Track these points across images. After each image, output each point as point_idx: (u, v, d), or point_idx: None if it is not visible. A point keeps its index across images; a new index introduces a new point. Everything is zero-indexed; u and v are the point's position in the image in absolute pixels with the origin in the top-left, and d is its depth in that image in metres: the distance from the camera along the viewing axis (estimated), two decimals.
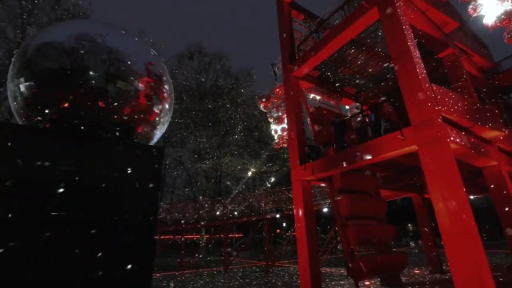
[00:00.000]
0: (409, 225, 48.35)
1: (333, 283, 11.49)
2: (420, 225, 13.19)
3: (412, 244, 30.70)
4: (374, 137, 6.79)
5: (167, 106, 6.42)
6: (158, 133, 6.69)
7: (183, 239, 19.80)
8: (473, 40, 9.95)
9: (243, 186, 34.90)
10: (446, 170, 4.97)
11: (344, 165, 6.95)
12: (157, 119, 6.22)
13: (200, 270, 17.97)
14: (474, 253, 4.50)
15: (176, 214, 19.54)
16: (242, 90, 37.06)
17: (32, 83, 5.36)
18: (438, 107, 5.49)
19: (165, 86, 6.31)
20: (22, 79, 5.46)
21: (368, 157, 6.48)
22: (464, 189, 4.83)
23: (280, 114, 11.26)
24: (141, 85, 5.67)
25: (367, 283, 10.82)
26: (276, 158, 34.92)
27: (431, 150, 5.26)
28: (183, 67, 36.29)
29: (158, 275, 15.83)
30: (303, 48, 9.93)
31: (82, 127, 5.48)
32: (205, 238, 32.15)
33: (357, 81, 10.86)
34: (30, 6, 26.26)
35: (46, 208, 4.44)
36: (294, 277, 13.61)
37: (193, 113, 32.89)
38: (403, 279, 10.49)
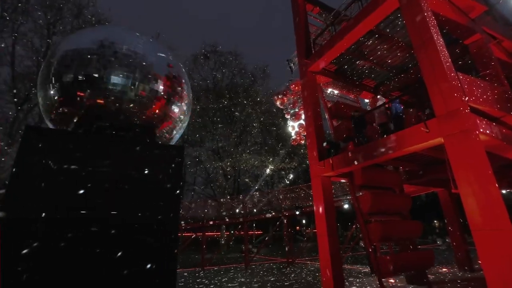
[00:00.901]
0: (435, 221, 46.44)
1: (356, 280, 11.29)
2: (448, 222, 12.63)
3: (439, 241, 29.49)
4: (396, 130, 6.56)
5: (186, 106, 6.55)
6: (178, 133, 6.85)
7: (204, 236, 20.18)
8: (503, 24, 9.32)
9: (262, 184, 34.98)
10: (476, 164, 4.71)
11: (365, 160, 6.78)
12: (177, 119, 6.37)
13: (221, 267, 18.27)
14: (508, 250, 4.25)
15: (199, 211, 19.95)
16: (259, 88, 37.03)
17: (59, 89, 5.65)
18: (465, 97, 5.21)
19: (184, 87, 6.43)
20: (50, 86, 5.78)
21: (391, 151, 6.27)
22: (496, 183, 4.56)
23: (297, 110, 11.14)
24: (161, 87, 5.82)
25: (391, 280, 10.54)
26: (294, 154, 34.67)
27: (458, 143, 5.01)
28: (199, 67, 36.82)
29: (181, 271, 16.29)
30: (319, 42, 9.75)
31: (106, 130, 5.71)
32: (225, 235, 32.61)
33: (377, 74, 10.52)
34: (54, 17, 27.66)
35: (75, 207, 4.68)
36: (315, 274, 13.51)
37: (211, 112, 33.31)
38: (430, 277, 10.11)
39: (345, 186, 16.05)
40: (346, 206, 15.03)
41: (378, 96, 8.83)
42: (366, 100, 11.94)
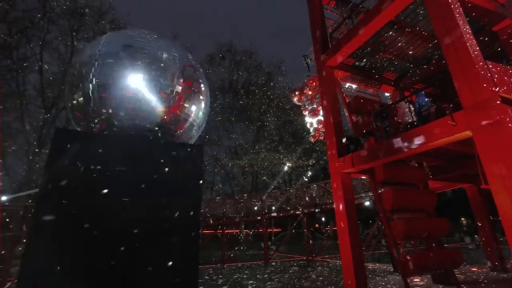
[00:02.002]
0: (463, 219, 44.33)
1: (378, 278, 11.03)
2: (477, 219, 12.00)
3: (467, 239, 28.09)
4: (419, 124, 6.30)
5: (204, 105, 6.64)
6: (197, 132, 6.96)
7: (224, 233, 20.46)
8: None
9: (280, 181, 34.91)
10: (508, 157, 4.44)
11: (387, 155, 6.57)
12: (195, 118, 6.48)
13: (241, 263, 18.46)
14: None
15: (218, 209, 20.24)
16: (275, 85, 36.89)
17: (83, 92, 5.91)
18: (496, 87, 4.91)
19: (202, 87, 6.53)
20: (75, 90, 6.06)
21: (414, 146, 6.05)
22: None
23: (315, 106, 10.98)
24: (179, 87, 5.94)
25: (416, 280, 10.20)
26: (312, 151, 34.30)
27: (488, 136, 4.74)
28: (215, 67, 37.19)
29: (202, 267, 16.63)
30: (336, 36, 9.54)
31: (128, 130, 5.91)
32: (244, 233, 32.88)
33: (397, 66, 10.15)
34: (77, 24, 28.97)
35: (100, 206, 4.88)
36: (336, 272, 13.33)
37: (227, 111, 33.62)
38: (459, 277, 9.68)
39: (366, 183, 15.67)
40: (367, 203, 14.67)
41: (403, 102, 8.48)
42: (387, 94, 11.57)
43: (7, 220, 12.59)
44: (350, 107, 9.10)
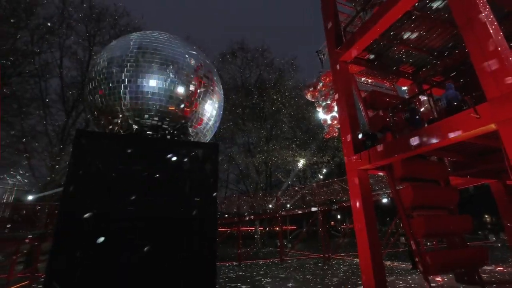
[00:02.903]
0: (486, 216, 42.51)
1: (397, 277, 10.78)
2: (503, 216, 11.45)
3: (491, 237, 26.89)
4: (442, 117, 6.06)
5: (218, 104, 6.70)
6: (212, 131, 7.04)
7: (239, 231, 20.60)
8: None
9: (294, 179, 34.72)
10: None
11: (406, 151, 6.38)
12: (210, 117, 6.54)
13: (257, 261, 18.55)
14: None
15: (233, 207, 20.40)
16: (288, 82, 36.62)
17: (101, 95, 6.10)
18: None
19: (215, 86, 6.58)
20: (93, 92, 6.26)
21: (434, 140, 5.83)
22: None
23: (329, 102, 10.79)
24: (194, 87, 6.02)
25: (438, 279, 9.90)
26: (326, 148, 33.88)
27: None
28: (227, 66, 37.34)
29: (218, 264, 16.84)
30: (350, 30, 9.32)
31: (145, 130, 6.05)
32: (259, 230, 32.97)
33: (415, 58, 9.79)
34: (94, 29, 29.90)
35: (121, 204, 5.03)
36: (354, 270, 13.14)
37: (240, 110, 33.71)
38: (484, 276, 9.31)
39: (383, 179, 15.32)
40: (384, 200, 14.34)
41: (421, 97, 8.17)
42: (404, 88, 11.22)
43: (34, 218, 13.23)
44: (366, 102, 8.88)
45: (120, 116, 5.98)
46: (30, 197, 21.73)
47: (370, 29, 7.65)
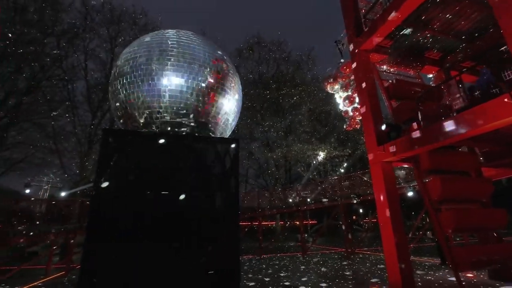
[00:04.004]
0: None
1: (427, 273, 10.41)
2: None
3: None
4: (473, 104, 5.69)
5: (237, 99, 6.72)
6: (232, 126, 7.08)
7: (260, 225, 20.75)
8: None
9: (315, 173, 34.31)
10: None
11: (433, 141, 6.08)
12: (229, 112, 6.58)
13: (278, 255, 18.63)
14: None
15: (253, 202, 20.57)
16: (306, 75, 36.02)
17: (124, 94, 6.30)
18: None
19: (234, 81, 6.59)
20: (117, 92, 6.49)
21: (464, 130, 5.51)
22: None
23: (349, 93, 10.50)
24: (213, 83, 6.07)
25: (470, 275, 9.46)
26: (347, 141, 33.12)
27: None
28: (244, 61, 37.28)
29: (240, 257, 17.07)
30: (371, 17, 8.96)
31: (167, 127, 6.20)
32: (280, 225, 33.05)
33: (442, 43, 9.24)
34: (115, 31, 30.95)
35: (146, 199, 5.21)
36: (379, 265, 12.86)
37: (258, 105, 33.65)
38: None
39: (408, 172, 14.76)
40: (410, 193, 13.83)
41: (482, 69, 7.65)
42: (430, 75, 10.67)
43: (67, 213, 14.09)
44: (389, 92, 8.54)
45: (142, 114, 6.17)
46: (62, 194, 23.15)
47: (392, 15, 7.31)
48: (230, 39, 43.02)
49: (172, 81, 5.90)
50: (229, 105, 6.46)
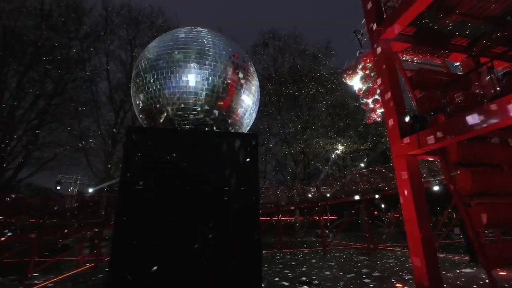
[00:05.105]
0: None
1: (456, 271, 10.00)
2: None
3: None
4: (506, 92, 5.33)
5: (254, 94, 6.71)
6: (250, 121, 7.09)
7: (280, 220, 20.76)
8: None
9: (334, 167, 33.73)
10: None
11: (462, 133, 5.76)
12: (247, 107, 6.58)
13: (298, 250, 18.60)
14: None
15: (271, 197, 20.62)
16: (323, 67, 35.28)
17: (146, 93, 6.47)
18: None
19: (251, 76, 6.58)
20: (138, 91, 6.67)
21: (495, 120, 5.17)
22: None
23: (370, 85, 10.16)
24: (231, 78, 6.09)
25: (502, 273, 8.98)
26: (367, 134, 32.22)
27: None
28: (260, 56, 37.06)
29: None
30: (392, 4, 8.58)
31: (187, 124, 6.31)
32: (299, 220, 32.90)
33: (470, 29, 8.70)
34: (134, 32, 31.83)
35: (169, 194, 5.34)
36: (403, 262, 12.50)
37: (275, 99, 33.45)
38: None
39: (431, 165, 14.16)
40: (436, 188, 13.27)
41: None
42: (456, 63, 10.10)
43: (95, 208, 14.81)
44: (413, 82, 8.17)
45: (163, 111, 6.31)
46: (90, 190, 24.34)
47: (416, 0, 6.95)
48: (245, 35, 42.94)
49: (189, 78, 5.98)
50: (247, 99, 6.47)
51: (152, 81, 6.19)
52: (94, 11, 30.08)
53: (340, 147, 30.93)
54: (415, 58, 9.62)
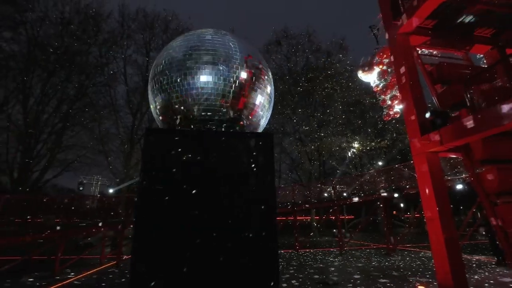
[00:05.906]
0: None
1: (482, 272, 9.56)
2: None
3: None
4: None
5: (269, 93, 6.69)
6: (265, 121, 7.08)
7: (296, 220, 20.61)
8: None
9: (350, 166, 33.07)
10: None
11: (487, 128, 5.49)
12: (262, 107, 6.58)
13: (315, 250, 18.41)
14: None
15: (287, 197, 20.51)
16: (337, 65, 34.61)
17: (162, 95, 6.61)
18: None
19: (265, 75, 6.57)
20: (155, 94, 6.82)
21: None
22: None
23: (387, 81, 9.87)
24: (245, 78, 6.11)
25: None
26: (384, 132, 31.36)
27: None
28: (273, 55, 36.87)
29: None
30: None
31: (203, 124, 6.39)
32: (315, 219, 32.54)
33: (495, 18, 8.26)
34: (149, 36, 32.60)
35: (186, 195, 5.42)
36: (425, 263, 12.10)
37: (289, 98, 33.20)
38: None
39: (455, 163, 13.58)
40: (459, 186, 12.73)
41: None
42: (479, 55, 9.63)
43: (116, 207, 15.30)
44: (433, 76, 7.86)
45: (179, 112, 6.42)
46: (110, 190, 25.17)
47: None
48: (257, 35, 42.93)
49: (204, 79, 6.06)
50: (261, 99, 6.48)
51: (179, 80, 6.26)
52: (111, 17, 31.06)
53: (356, 145, 30.28)
54: (434, 52, 9.27)
